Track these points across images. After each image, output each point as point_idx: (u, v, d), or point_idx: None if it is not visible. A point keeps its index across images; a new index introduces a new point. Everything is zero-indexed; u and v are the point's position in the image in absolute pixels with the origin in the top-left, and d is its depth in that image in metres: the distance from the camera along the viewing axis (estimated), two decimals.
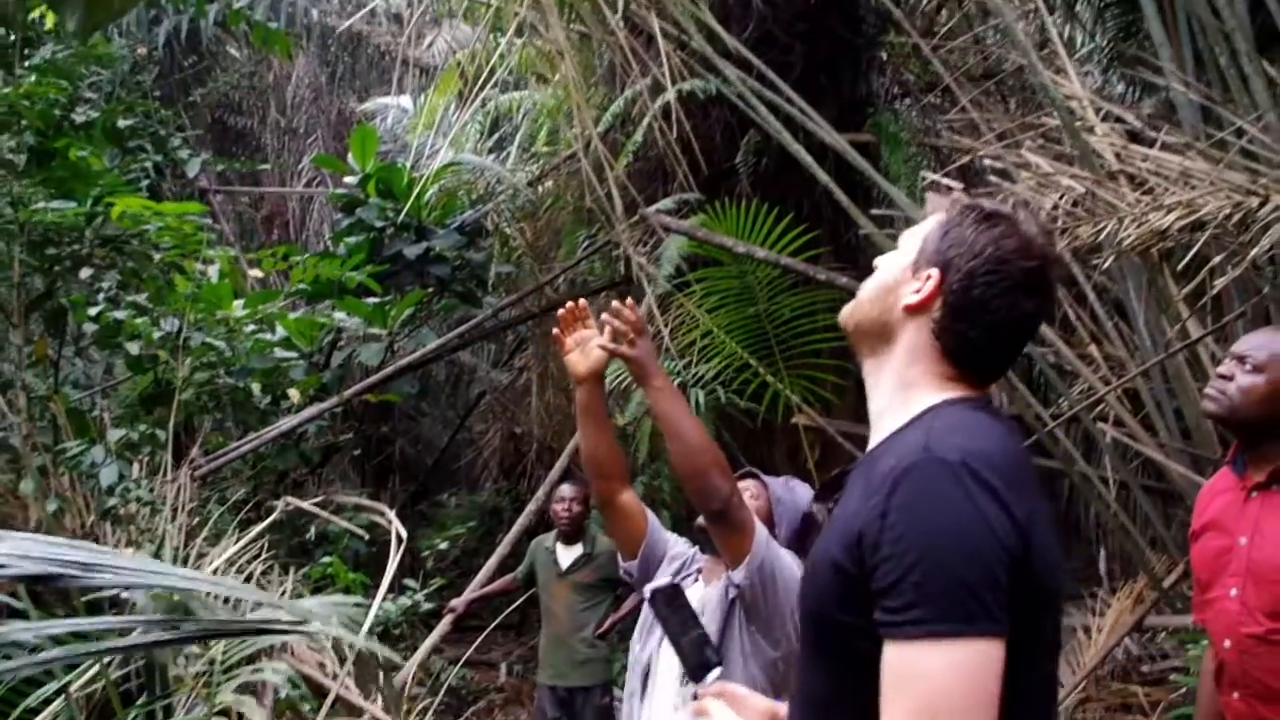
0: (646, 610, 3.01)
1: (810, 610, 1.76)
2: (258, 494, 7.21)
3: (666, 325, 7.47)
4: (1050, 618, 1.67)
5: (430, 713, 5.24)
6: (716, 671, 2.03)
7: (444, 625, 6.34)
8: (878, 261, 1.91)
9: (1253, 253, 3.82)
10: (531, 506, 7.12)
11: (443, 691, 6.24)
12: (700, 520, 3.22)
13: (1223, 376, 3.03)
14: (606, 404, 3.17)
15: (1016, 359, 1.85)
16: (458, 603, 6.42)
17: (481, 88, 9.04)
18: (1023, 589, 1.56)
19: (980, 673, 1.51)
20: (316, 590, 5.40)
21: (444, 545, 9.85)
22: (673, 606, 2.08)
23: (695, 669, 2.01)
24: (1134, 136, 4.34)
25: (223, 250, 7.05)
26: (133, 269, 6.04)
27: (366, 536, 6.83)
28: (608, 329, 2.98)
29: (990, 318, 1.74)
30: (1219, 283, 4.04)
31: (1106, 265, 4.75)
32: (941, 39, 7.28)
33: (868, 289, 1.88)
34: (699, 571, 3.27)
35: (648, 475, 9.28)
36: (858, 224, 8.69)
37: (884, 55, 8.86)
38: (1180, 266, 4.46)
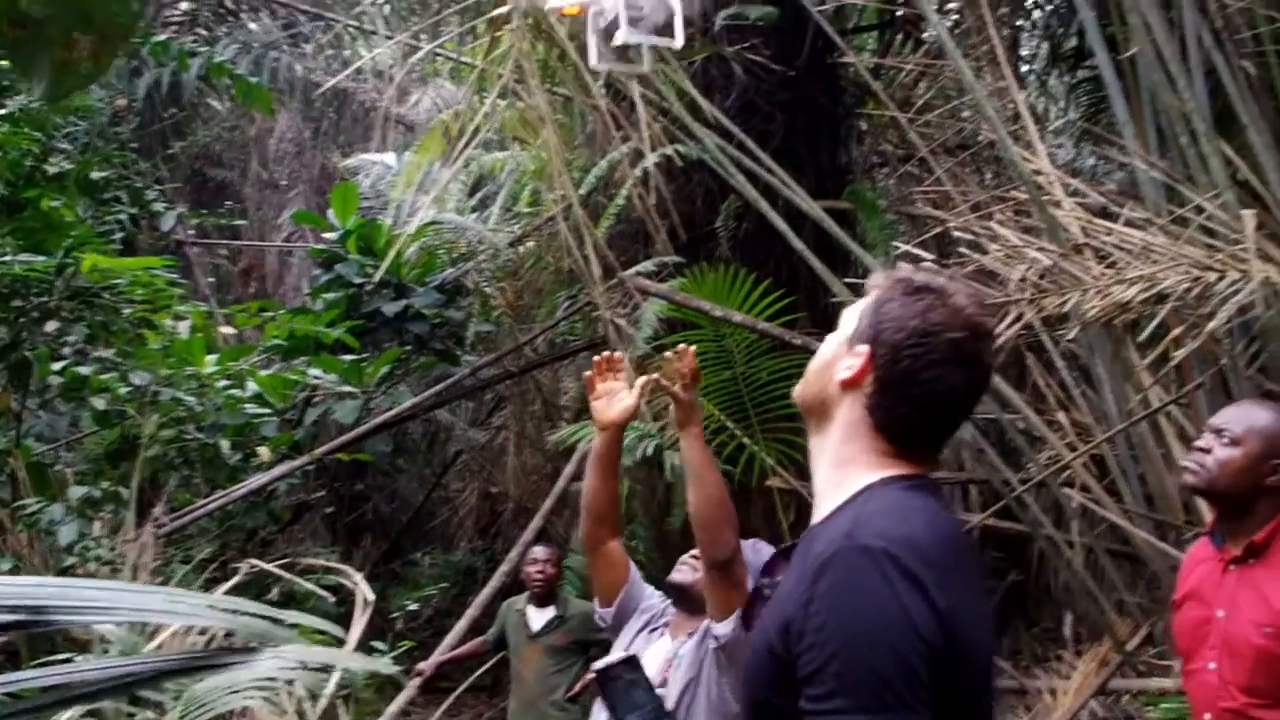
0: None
1: (749, 691, 1.77)
2: (225, 552, 7.14)
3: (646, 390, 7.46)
4: (978, 702, 1.67)
5: None
6: None
7: (412, 688, 6.26)
8: (830, 337, 1.92)
9: (1211, 325, 3.86)
10: (504, 567, 7.06)
11: None
12: (672, 577, 3.35)
13: (1200, 449, 3.07)
14: (620, 455, 3.27)
15: (952, 434, 1.84)
16: (425, 665, 6.33)
17: (465, 147, 9.12)
18: (944, 678, 1.56)
19: None
20: None
21: (414, 606, 9.78)
22: (625, 682, 2.04)
23: None
24: (1102, 211, 4.38)
25: (194, 306, 7.01)
26: (101, 322, 6.02)
27: (333, 598, 6.75)
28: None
29: (918, 390, 1.72)
30: (1179, 353, 4.07)
31: (1073, 335, 4.80)
32: (918, 111, 7.35)
33: (811, 365, 1.89)
34: (665, 625, 3.34)
35: (624, 538, 9.24)
36: (834, 290, 8.79)
37: (863, 126, 8.95)
38: (1143, 337, 4.52)
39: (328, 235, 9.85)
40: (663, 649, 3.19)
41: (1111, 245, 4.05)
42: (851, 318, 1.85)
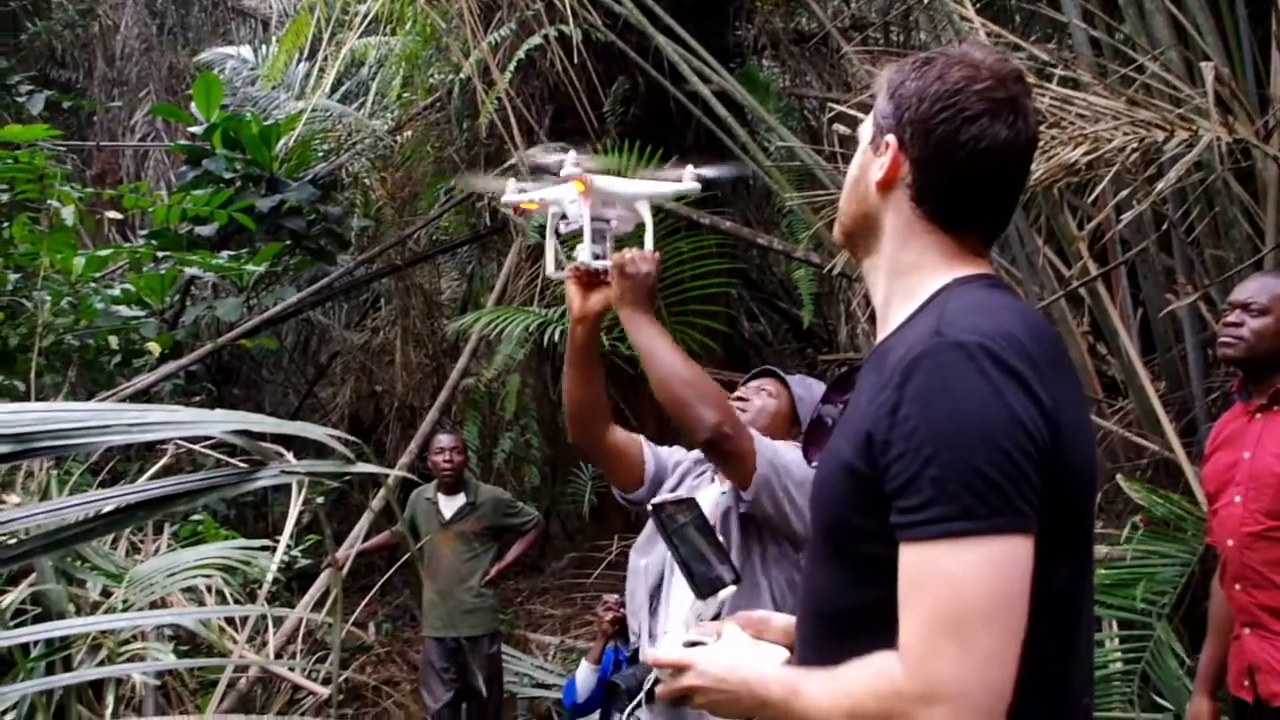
0: (651, 522, 2.86)
1: (823, 517, 1.63)
2: (110, 461, 6.79)
3: (540, 274, 7.32)
4: (1083, 507, 1.56)
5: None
6: (731, 589, 1.88)
7: (326, 577, 6.12)
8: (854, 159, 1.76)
9: (1160, 185, 3.85)
10: (404, 461, 6.92)
11: (336, 653, 5.98)
12: None
13: (1233, 324, 3.37)
14: (599, 347, 2.98)
15: (1011, 206, 1.68)
16: (340, 555, 6.21)
17: (333, 34, 8.73)
18: (1053, 479, 1.43)
19: (1006, 572, 1.39)
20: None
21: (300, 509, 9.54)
22: (681, 522, 1.91)
23: (705, 589, 1.85)
24: (1038, 73, 4.32)
25: (72, 189, 6.33)
26: None
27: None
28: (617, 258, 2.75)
29: (962, 154, 1.57)
30: (1126, 217, 4.07)
31: None
32: None
33: (843, 193, 1.75)
34: (711, 469, 3.11)
35: (515, 432, 9.15)
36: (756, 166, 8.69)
37: (750, 5, 8.82)
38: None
39: (192, 130, 9.37)
40: (711, 495, 3.01)
41: (1052, 106, 3.98)
42: (867, 125, 1.72)
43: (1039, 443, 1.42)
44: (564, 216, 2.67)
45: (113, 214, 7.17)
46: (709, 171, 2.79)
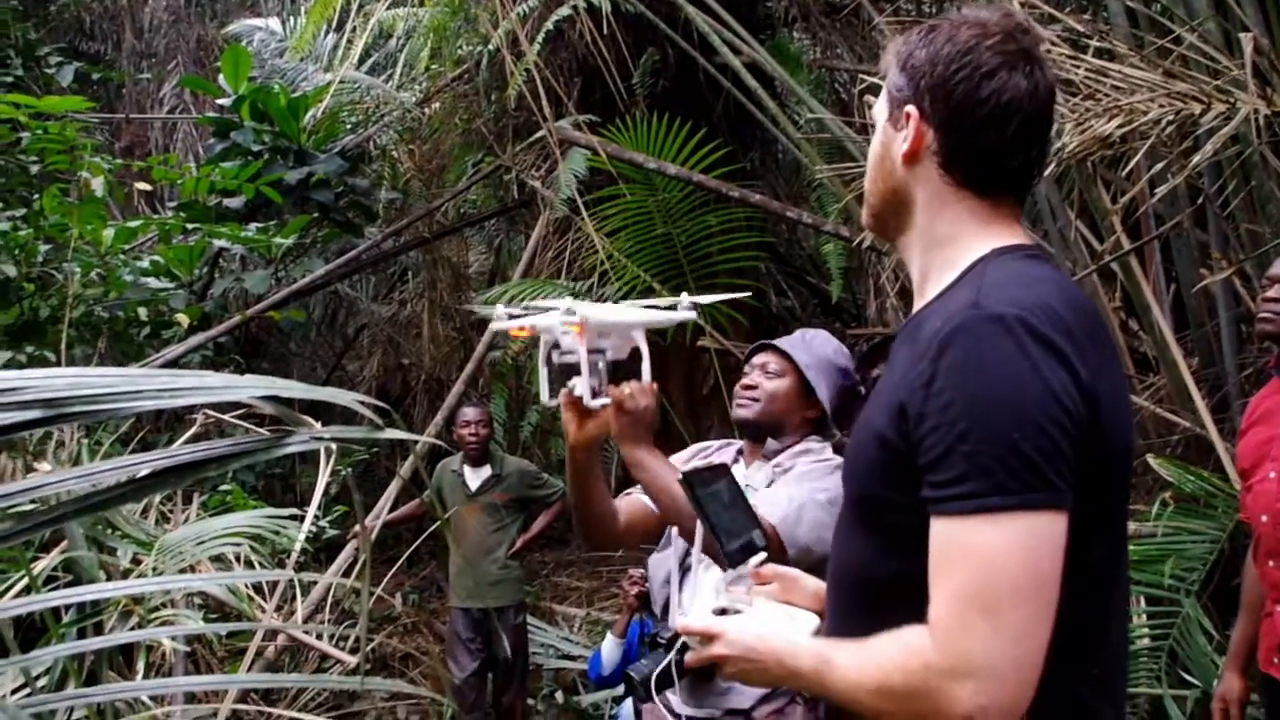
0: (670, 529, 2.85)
1: (854, 488, 1.63)
2: (140, 430, 6.85)
3: (568, 248, 7.31)
4: (1120, 480, 1.55)
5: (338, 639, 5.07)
6: (762, 555, 1.87)
7: (353, 547, 6.17)
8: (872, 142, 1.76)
9: (1195, 159, 3.80)
10: (431, 432, 6.93)
11: (364, 617, 6.01)
12: (734, 414, 3.08)
13: (1272, 299, 3.28)
14: (601, 469, 2.85)
15: (1040, 160, 1.65)
16: (368, 524, 6.23)
17: (361, 6, 8.74)
18: (1089, 455, 1.42)
19: (1039, 548, 1.38)
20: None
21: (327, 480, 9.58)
22: (712, 488, 1.89)
23: (735, 554, 1.84)
24: (1071, 44, 4.26)
25: (103, 159, 6.35)
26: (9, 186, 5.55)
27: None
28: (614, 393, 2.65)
29: (984, 110, 1.56)
30: (1160, 191, 4.02)
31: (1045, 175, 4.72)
32: None
33: (868, 176, 1.74)
34: (739, 452, 3.12)
35: (540, 404, 9.13)
36: (757, 147, 8.66)
37: None
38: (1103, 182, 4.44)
39: (220, 102, 9.37)
40: (738, 476, 3.00)
41: (1087, 78, 3.93)
42: (881, 104, 1.71)
43: (1075, 417, 1.41)
44: (557, 345, 2.60)
45: (142, 186, 7.19)
46: (704, 299, 2.74)
